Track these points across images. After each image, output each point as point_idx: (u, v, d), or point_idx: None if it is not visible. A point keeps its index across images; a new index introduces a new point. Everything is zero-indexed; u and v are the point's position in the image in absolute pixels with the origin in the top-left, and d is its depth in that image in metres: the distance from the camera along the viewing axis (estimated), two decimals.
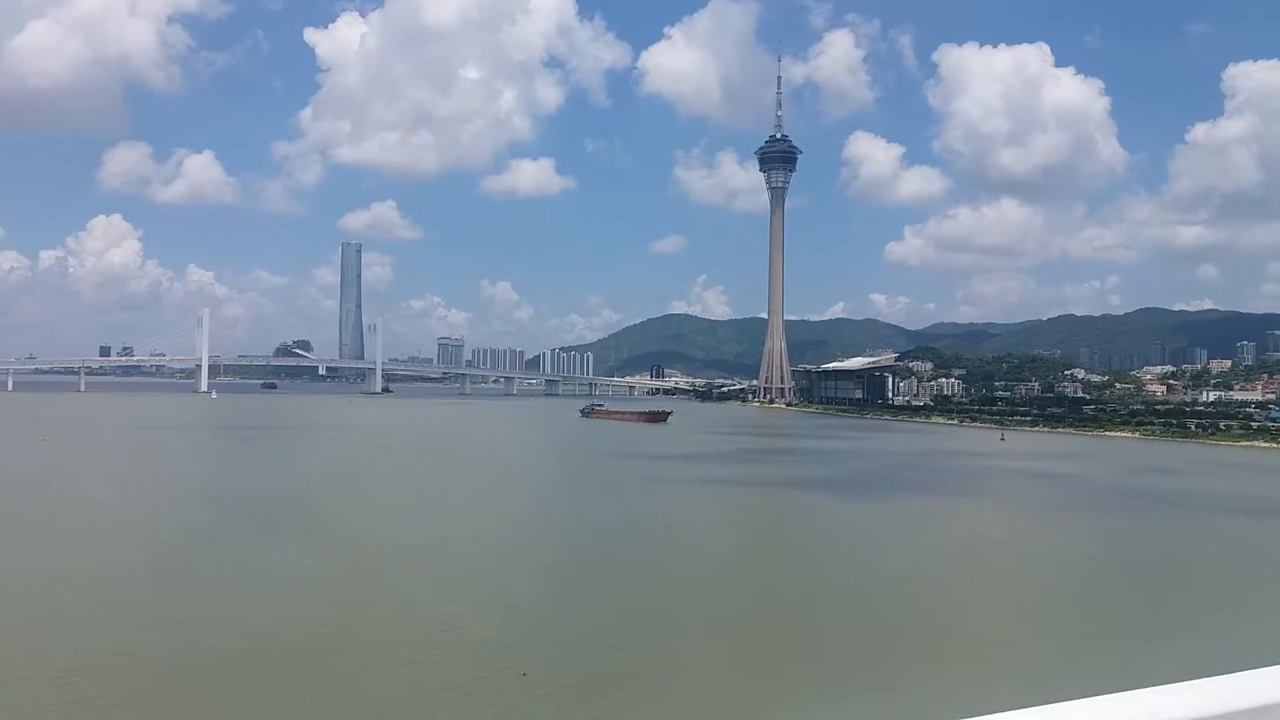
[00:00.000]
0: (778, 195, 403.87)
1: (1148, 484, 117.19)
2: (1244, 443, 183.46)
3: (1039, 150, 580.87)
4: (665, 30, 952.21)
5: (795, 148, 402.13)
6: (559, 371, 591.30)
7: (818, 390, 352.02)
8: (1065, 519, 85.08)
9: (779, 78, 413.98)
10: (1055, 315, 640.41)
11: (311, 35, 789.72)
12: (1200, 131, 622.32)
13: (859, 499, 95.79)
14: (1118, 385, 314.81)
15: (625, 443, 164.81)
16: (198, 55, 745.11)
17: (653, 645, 41.09)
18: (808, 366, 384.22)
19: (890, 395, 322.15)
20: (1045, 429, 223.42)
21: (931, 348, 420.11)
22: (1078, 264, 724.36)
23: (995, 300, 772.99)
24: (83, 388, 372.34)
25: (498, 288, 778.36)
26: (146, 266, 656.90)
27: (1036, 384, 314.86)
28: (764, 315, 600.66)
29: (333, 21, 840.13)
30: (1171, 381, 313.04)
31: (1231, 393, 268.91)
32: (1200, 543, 76.10)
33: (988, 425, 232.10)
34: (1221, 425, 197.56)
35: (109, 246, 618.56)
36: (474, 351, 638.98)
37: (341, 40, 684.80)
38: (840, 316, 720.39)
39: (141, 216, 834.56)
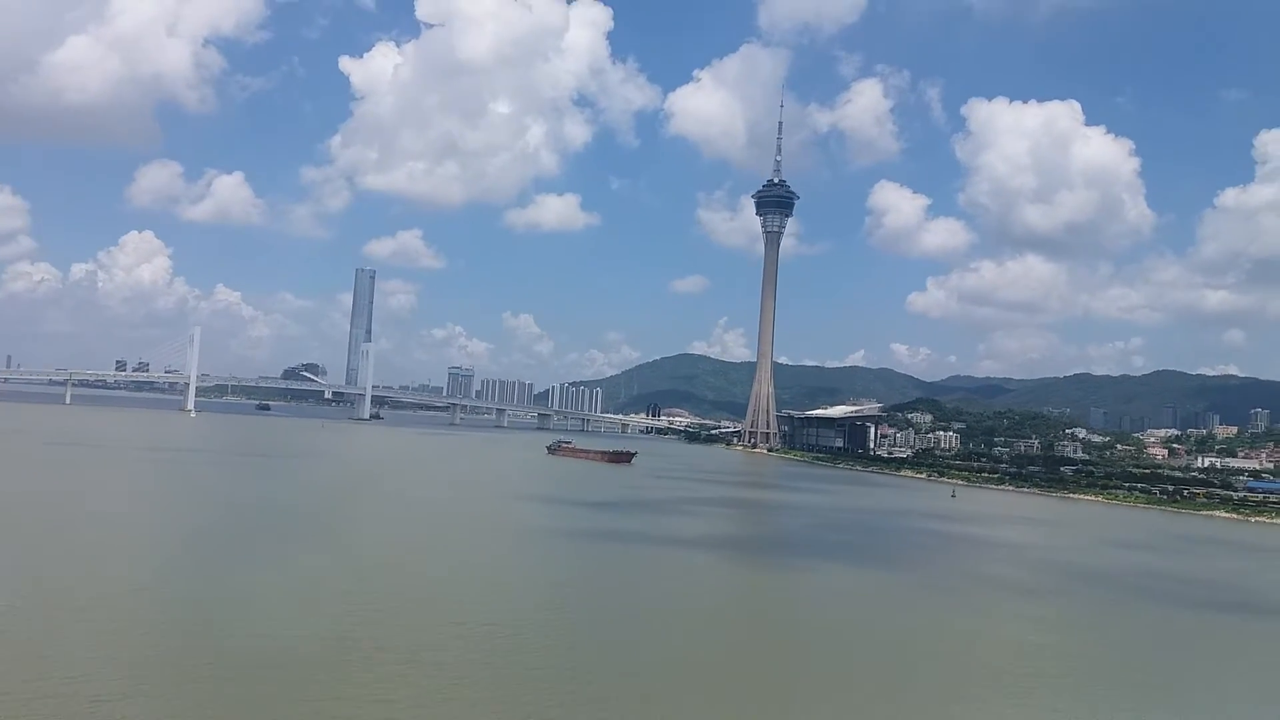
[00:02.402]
0: (773, 239, 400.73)
1: (1087, 559, 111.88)
2: (1205, 511, 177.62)
3: (1065, 208, 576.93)
4: (694, 73, 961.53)
5: (792, 193, 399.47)
6: (566, 406, 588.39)
7: (800, 437, 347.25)
8: (970, 600, 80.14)
9: (780, 123, 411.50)
10: (1073, 374, 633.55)
11: (347, 64, 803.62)
12: (1230, 196, 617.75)
13: (755, 566, 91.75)
14: (1119, 447, 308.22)
15: (569, 485, 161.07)
16: (232, 78, 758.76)
17: None
18: (791, 412, 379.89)
19: (872, 445, 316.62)
20: (1011, 488, 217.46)
21: (934, 400, 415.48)
22: (1102, 323, 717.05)
23: (1017, 356, 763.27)
24: (68, 400, 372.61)
25: (520, 320, 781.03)
26: (174, 284, 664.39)
27: (1036, 442, 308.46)
28: (781, 360, 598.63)
29: (368, 51, 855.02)
30: (1174, 446, 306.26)
31: (1234, 460, 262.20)
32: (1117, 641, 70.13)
33: (955, 481, 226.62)
34: (1185, 493, 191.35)
35: (139, 262, 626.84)
36: (483, 382, 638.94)
37: (375, 70, 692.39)
38: (857, 365, 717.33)
39: (169, 234, 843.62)
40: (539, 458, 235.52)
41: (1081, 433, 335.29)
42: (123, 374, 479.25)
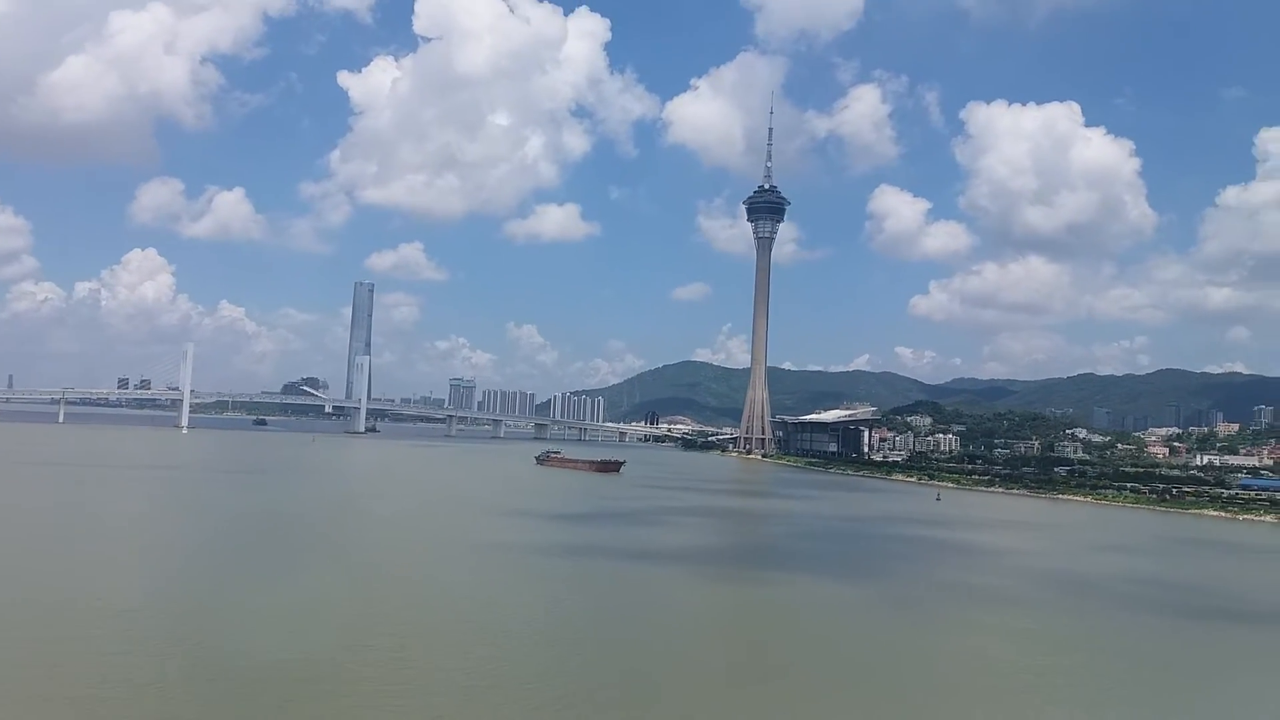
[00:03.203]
0: (764, 245, 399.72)
1: (1063, 564, 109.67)
2: (1194, 510, 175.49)
3: (1067, 209, 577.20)
4: (692, 82, 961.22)
5: (784, 198, 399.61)
6: (568, 415, 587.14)
7: (794, 442, 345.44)
8: (937, 612, 77.55)
9: (770, 130, 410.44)
10: (1078, 374, 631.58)
11: (345, 79, 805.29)
12: (1231, 195, 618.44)
13: (716, 579, 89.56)
14: (1120, 446, 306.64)
15: (549, 497, 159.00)
16: (230, 95, 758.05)
17: None
18: (785, 418, 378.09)
19: (867, 449, 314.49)
20: (1000, 490, 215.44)
21: (934, 403, 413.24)
22: (1106, 324, 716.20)
23: (1022, 358, 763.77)
24: (61, 419, 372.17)
25: (523, 330, 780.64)
26: (178, 300, 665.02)
27: (1036, 443, 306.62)
28: (786, 366, 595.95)
29: (366, 65, 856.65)
30: (1175, 444, 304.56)
31: (1235, 457, 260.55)
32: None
33: (944, 484, 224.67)
34: (1174, 492, 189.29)
35: (142, 280, 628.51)
36: (485, 393, 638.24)
37: (374, 84, 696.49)
38: (861, 369, 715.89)
39: (172, 251, 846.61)
40: (527, 468, 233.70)
41: (1082, 433, 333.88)
42: (123, 391, 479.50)
